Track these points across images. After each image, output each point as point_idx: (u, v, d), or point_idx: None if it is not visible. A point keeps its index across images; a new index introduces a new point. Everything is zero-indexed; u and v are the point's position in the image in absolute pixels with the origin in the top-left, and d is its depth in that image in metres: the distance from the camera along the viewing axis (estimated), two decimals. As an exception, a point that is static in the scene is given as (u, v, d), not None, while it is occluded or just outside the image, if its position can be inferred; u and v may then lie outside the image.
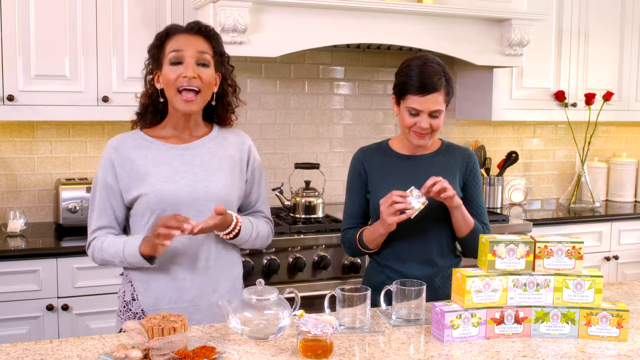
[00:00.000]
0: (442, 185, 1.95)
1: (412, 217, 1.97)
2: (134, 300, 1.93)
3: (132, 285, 1.94)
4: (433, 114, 2.05)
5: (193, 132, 1.98)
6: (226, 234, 1.91)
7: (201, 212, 1.87)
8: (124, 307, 1.96)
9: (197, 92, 1.88)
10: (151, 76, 1.96)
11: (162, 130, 1.98)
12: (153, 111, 1.98)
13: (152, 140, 1.95)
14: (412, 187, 1.98)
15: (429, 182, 1.96)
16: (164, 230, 1.74)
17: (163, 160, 1.92)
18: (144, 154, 1.92)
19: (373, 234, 2.11)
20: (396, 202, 1.96)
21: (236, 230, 1.92)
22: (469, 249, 2.15)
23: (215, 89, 1.96)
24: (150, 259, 1.85)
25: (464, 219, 2.07)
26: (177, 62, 1.88)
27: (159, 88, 1.94)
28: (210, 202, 1.89)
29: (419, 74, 2.03)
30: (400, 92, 2.07)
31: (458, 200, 2.03)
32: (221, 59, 1.97)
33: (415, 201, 1.96)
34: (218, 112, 2.03)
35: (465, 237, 2.11)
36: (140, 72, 2.95)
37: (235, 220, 1.91)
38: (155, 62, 1.95)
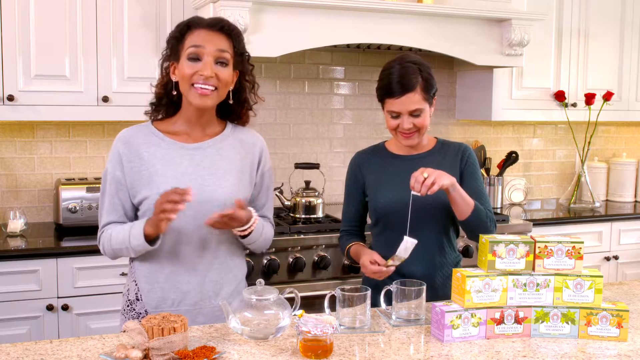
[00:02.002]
0: (430, 189, 1.90)
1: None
2: (138, 300, 1.93)
3: (136, 285, 1.94)
4: (413, 113, 2.04)
5: (206, 130, 1.95)
6: (242, 230, 1.88)
7: (206, 216, 1.84)
8: (128, 306, 1.95)
9: (213, 89, 1.85)
10: (167, 64, 1.92)
11: (174, 125, 1.95)
12: (167, 103, 1.95)
13: (162, 137, 1.92)
14: (395, 255, 1.97)
15: (416, 186, 1.90)
16: (169, 205, 1.71)
17: (172, 160, 1.89)
18: (153, 151, 1.89)
19: (358, 256, 2.15)
20: (380, 273, 2.01)
21: (252, 228, 1.90)
22: (473, 230, 2.06)
23: (232, 87, 1.93)
24: (152, 241, 1.83)
25: (463, 199, 2.00)
26: (195, 58, 1.84)
27: (174, 80, 1.90)
28: (215, 205, 1.86)
29: (394, 77, 2.04)
30: (380, 98, 2.10)
31: (449, 179, 1.94)
32: (241, 59, 1.93)
33: (396, 263, 1.99)
34: (234, 109, 1.99)
35: (467, 219, 2.04)
36: (141, 72, 2.99)
37: (254, 218, 1.89)
38: (173, 54, 1.90)
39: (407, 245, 1.93)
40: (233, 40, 1.89)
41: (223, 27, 1.88)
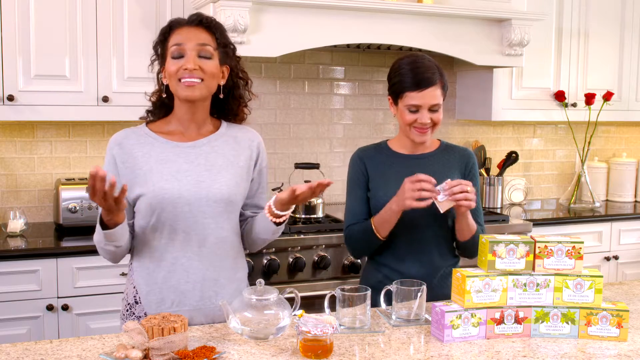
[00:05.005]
0: (463, 188, 1.94)
1: (441, 212, 1.98)
2: (137, 303, 1.91)
3: (135, 288, 1.92)
4: (432, 108, 2.06)
5: (200, 129, 1.94)
6: (282, 216, 1.89)
7: (203, 213, 1.85)
8: (127, 310, 1.94)
9: (199, 81, 1.84)
10: (162, 74, 1.93)
11: (167, 126, 1.95)
12: (160, 106, 1.96)
13: (155, 137, 1.91)
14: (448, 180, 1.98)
15: (454, 182, 1.95)
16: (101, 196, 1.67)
17: (167, 158, 1.88)
18: (147, 150, 1.89)
19: (385, 212, 2.07)
20: (424, 190, 1.95)
21: (287, 216, 1.91)
22: (467, 252, 2.16)
23: (223, 82, 1.93)
24: (108, 225, 1.79)
25: (468, 226, 2.07)
26: (178, 56, 1.85)
27: (165, 84, 1.91)
28: (213, 202, 1.87)
29: (413, 71, 2.04)
30: (397, 91, 2.08)
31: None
32: (225, 50, 1.93)
33: (442, 196, 1.96)
34: (230, 106, 1.99)
35: (466, 242, 2.11)
36: (141, 72, 2.99)
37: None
38: (160, 58, 1.93)
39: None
40: (214, 32, 1.90)
41: (202, 22, 1.90)
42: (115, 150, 1.90)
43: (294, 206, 1.91)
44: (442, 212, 1.97)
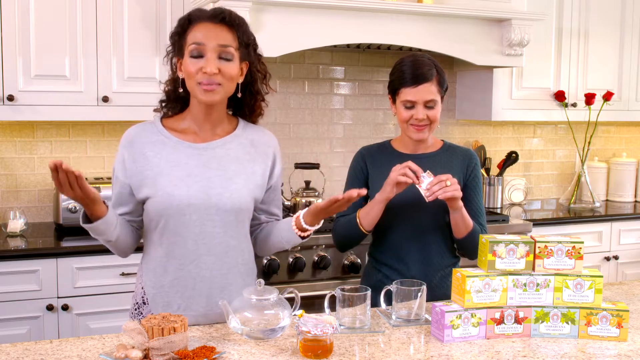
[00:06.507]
0: (443, 185, 1.95)
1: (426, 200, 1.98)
2: (144, 304, 1.89)
3: (142, 289, 1.89)
4: (428, 104, 2.06)
5: (215, 129, 1.88)
6: (308, 230, 1.88)
7: (212, 221, 1.81)
8: (136, 309, 1.91)
9: (218, 85, 1.78)
10: (175, 59, 1.87)
11: (182, 123, 1.88)
12: (175, 99, 1.90)
13: (169, 136, 1.85)
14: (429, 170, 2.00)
15: (435, 180, 1.96)
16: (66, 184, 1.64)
17: (177, 160, 1.82)
18: (158, 150, 1.83)
19: (369, 204, 2.08)
20: (406, 174, 1.97)
21: (311, 232, 1.89)
22: (466, 250, 2.15)
23: (241, 79, 1.87)
24: (91, 219, 1.78)
25: (463, 221, 2.06)
26: (198, 55, 1.77)
27: (180, 77, 1.84)
28: (223, 211, 1.81)
29: (410, 68, 2.07)
30: (394, 88, 2.11)
31: (460, 203, 2.03)
32: (247, 50, 1.85)
33: (426, 181, 1.97)
34: (246, 101, 1.93)
35: (463, 239, 2.10)
36: (141, 72, 2.99)
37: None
38: (177, 49, 1.85)
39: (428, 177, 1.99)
40: (236, 31, 1.82)
41: (224, 19, 1.80)
42: (127, 149, 1.85)
43: (322, 222, 1.88)
44: (427, 200, 1.98)
